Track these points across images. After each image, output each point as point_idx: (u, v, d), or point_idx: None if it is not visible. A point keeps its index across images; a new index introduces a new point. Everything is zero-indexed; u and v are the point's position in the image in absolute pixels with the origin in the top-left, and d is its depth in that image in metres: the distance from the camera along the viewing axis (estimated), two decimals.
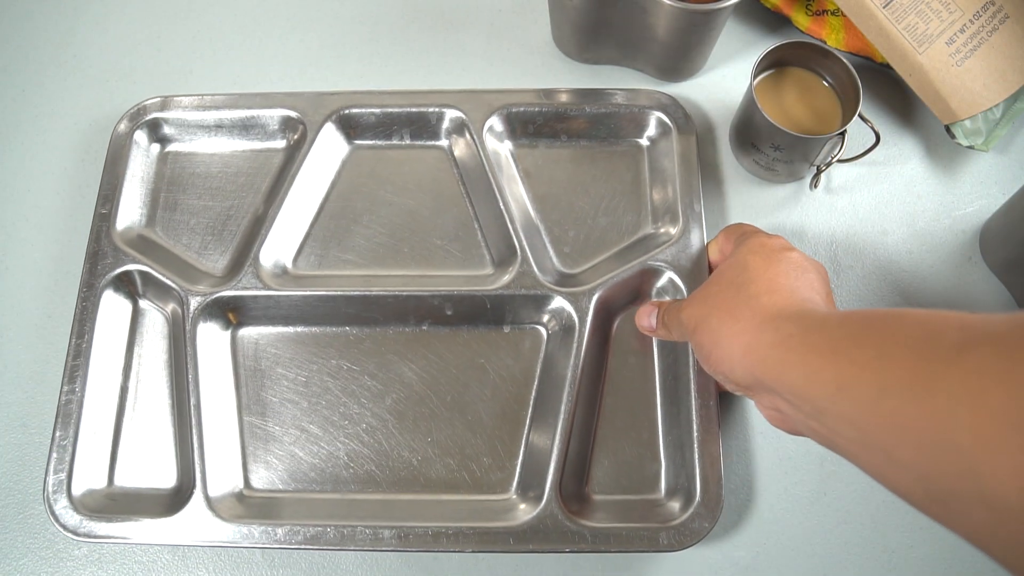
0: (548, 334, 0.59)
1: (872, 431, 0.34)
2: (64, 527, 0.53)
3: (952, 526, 0.32)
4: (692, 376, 0.55)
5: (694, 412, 0.54)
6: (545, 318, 0.59)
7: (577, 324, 0.57)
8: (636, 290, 0.59)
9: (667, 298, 0.58)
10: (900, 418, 0.32)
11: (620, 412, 0.57)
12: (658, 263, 0.58)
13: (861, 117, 0.58)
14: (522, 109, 0.63)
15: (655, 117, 0.63)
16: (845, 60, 0.58)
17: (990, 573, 0.54)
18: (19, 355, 0.61)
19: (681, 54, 0.63)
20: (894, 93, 0.66)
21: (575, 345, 0.56)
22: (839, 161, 0.59)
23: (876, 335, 0.35)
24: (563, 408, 0.55)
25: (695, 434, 0.53)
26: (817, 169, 0.61)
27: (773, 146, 0.58)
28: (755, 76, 0.59)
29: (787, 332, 0.40)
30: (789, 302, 0.43)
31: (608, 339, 0.59)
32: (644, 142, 0.64)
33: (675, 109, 0.63)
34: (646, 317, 0.55)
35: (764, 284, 0.44)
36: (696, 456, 0.53)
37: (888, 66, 0.63)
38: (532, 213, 0.62)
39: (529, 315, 0.59)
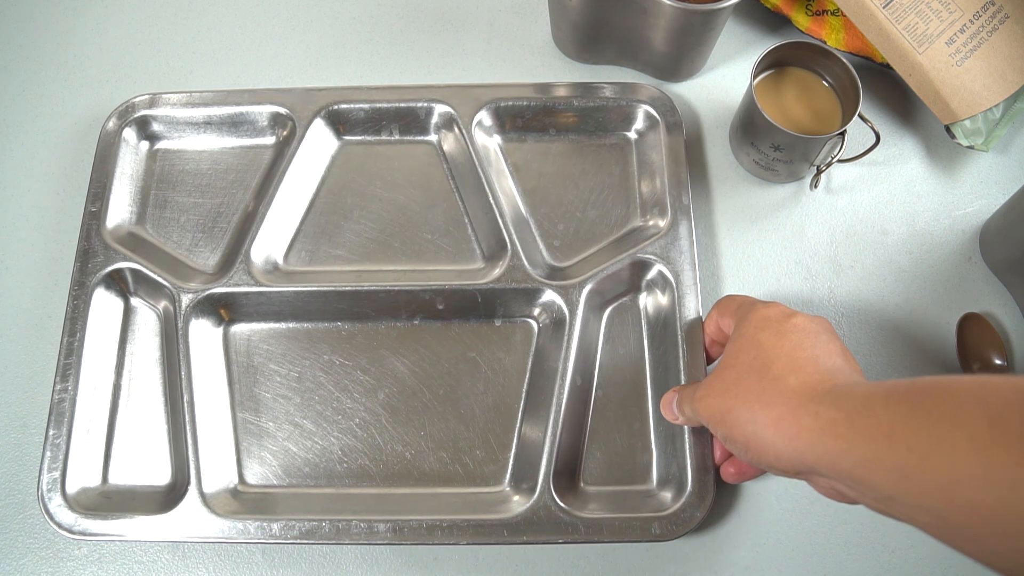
0: (539, 327, 0.60)
1: (953, 519, 0.33)
2: (59, 525, 0.53)
3: None
4: (682, 367, 0.55)
5: None
6: (536, 311, 0.60)
7: (567, 317, 0.57)
8: (626, 282, 0.60)
9: (657, 291, 0.59)
10: (984, 510, 0.32)
11: (611, 403, 0.57)
12: (647, 255, 0.58)
13: (861, 117, 0.58)
14: (510, 103, 0.64)
15: (642, 110, 0.63)
16: (845, 60, 0.58)
17: (990, 575, 0.54)
18: (19, 355, 0.61)
19: (681, 54, 0.63)
20: (894, 93, 0.67)
21: (566, 338, 0.57)
22: (839, 161, 0.60)
23: (932, 418, 0.34)
24: (555, 400, 0.55)
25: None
26: (817, 169, 0.61)
27: (773, 146, 0.59)
28: (755, 76, 0.59)
29: (829, 417, 0.38)
30: (818, 378, 0.41)
31: (598, 331, 0.59)
32: (632, 135, 0.65)
33: (662, 102, 0.63)
34: (669, 407, 0.52)
35: (785, 363, 0.43)
36: (687, 446, 0.53)
37: (888, 66, 0.63)
38: (522, 207, 0.63)
39: (520, 308, 0.60)
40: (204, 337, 0.59)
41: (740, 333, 0.47)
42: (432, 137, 0.65)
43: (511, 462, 0.56)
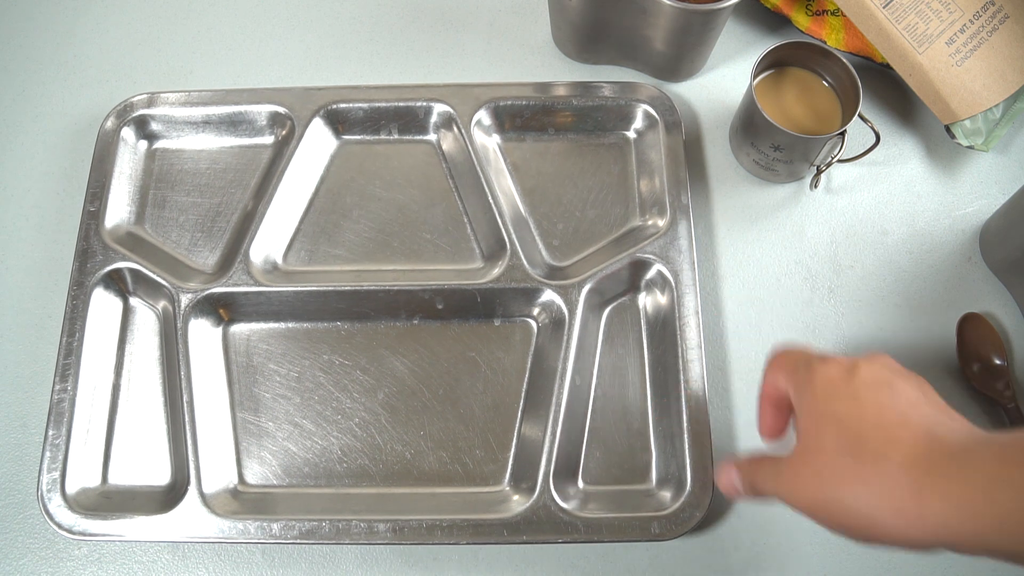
0: (538, 327, 0.60)
1: None
2: (59, 526, 0.53)
3: None
4: (681, 366, 0.55)
5: (683, 402, 0.54)
6: (535, 311, 0.60)
7: (567, 316, 0.57)
8: (625, 282, 0.60)
9: (656, 291, 0.59)
10: None
11: (611, 403, 0.57)
12: (647, 255, 0.58)
13: (861, 117, 0.58)
14: (509, 103, 0.64)
15: (641, 109, 0.63)
16: (845, 60, 0.58)
17: (990, 573, 0.54)
18: (19, 355, 0.61)
19: (681, 54, 0.63)
20: (894, 93, 0.67)
21: (565, 337, 0.57)
22: (839, 161, 0.60)
23: None
24: (554, 400, 0.55)
25: (685, 423, 0.54)
26: (817, 169, 0.61)
27: (773, 146, 0.59)
28: (755, 76, 0.59)
29: (959, 496, 0.35)
30: (923, 448, 0.38)
31: (598, 331, 0.59)
32: (631, 134, 0.65)
33: (661, 101, 0.63)
34: (729, 482, 0.46)
35: (878, 435, 0.39)
36: (686, 445, 0.53)
37: (888, 66, 0.63)
38: (521, 207, 0.63)
39: (519, 308, 0.60)
40: (203, 337, 0.59)
41: (809, 409, 0.42)
42: (431, 136, 0.65)
43: (511, 462, 0.56)
